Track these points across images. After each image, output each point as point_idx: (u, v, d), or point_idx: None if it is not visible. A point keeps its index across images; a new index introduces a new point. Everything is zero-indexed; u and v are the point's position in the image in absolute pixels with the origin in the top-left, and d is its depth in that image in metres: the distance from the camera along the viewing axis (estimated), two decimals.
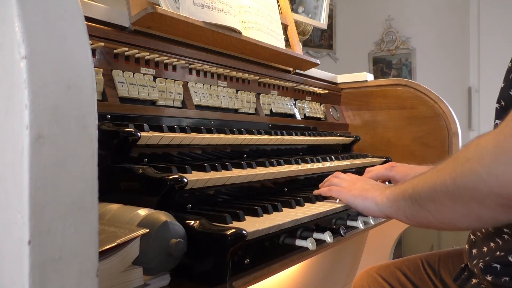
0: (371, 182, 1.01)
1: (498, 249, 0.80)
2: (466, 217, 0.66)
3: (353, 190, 0.97)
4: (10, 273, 0.41)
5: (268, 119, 1.50)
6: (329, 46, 5.54)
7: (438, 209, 0.69)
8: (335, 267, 1.93)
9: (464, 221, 0.68)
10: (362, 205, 0.93)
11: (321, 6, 2.31)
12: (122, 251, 0.57)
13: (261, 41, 1.36)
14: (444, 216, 0.69)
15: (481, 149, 0.60)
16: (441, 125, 1.77)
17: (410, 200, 0.76)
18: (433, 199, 0.70)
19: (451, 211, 0.67)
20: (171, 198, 0.77)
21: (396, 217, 0.85)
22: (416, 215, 0.76)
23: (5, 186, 0.42)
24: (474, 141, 0.64)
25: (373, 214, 0.92)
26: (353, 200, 0.96)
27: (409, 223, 0.81)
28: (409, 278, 1.14)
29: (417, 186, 0.74)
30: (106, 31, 1.02)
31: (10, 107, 0.41)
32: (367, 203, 0.91)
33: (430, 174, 0.71)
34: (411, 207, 0.76)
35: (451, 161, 0.67)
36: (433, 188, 0.69)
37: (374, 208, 0.89)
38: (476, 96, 4.43)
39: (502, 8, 4.26)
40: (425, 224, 0.77)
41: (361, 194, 0.94)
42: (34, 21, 0.42)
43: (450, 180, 0.65)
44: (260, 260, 0.78)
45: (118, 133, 0.85)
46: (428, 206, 0.71)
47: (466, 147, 0.65)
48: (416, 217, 0.76)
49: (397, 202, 0.81)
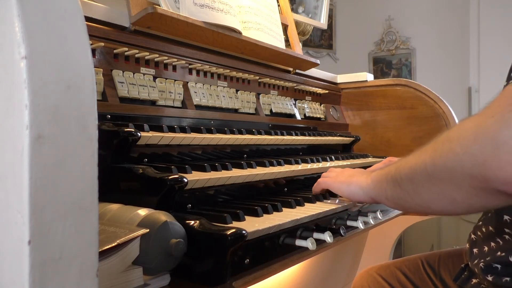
0: (359, 170, 1.01)
1: (499, 249, 0.80)
2: (441, 199, 0.65)
3: (338, 178, 0.97)
4: (10, 273, 0.41)
5: (268, 119, 1.50)
6: (329, 46, 5.54)
7: (416, 190, 0.69)
8: (335, 267, 1.93)
9: (438, 204, 0.67)
10: (347, 191, 0.93)
11: (321, 6, 2.31)
12: (122, 251, 0.57)
13: (261, 41, 1.36)
14: (420, 198, 0.69)
15: (463, 130, 0.60)
16: (441, 125, 1.77)
17: (392, 181, 0.75)
18: (412, 179, 0.69)
19: (428, 192, 0.67)
20: (171, 198, 0.77)
21: (379, 199, 0.84)
22: (395, 196, 0.75)
23: (5, 186, 0.42)
24: (458, 124, 0.64)
25: (359, 198, 0.91)
26: (338, 186, 0.96)
27: (389, 205, 0.81)
28: (409, 278, 1.14)
29: (400, 167, 0.74)
30: (106, 31, 1.02)
31: (10, 107, 0.41)
32: (352, 188, 0.91)
33: (413, 155, 0.71)
34: (392, 189, 0.76)
35: (433, 142, 0.66)
36: (413, 168, 0.69)
37: (359, 192, 0.89)
38: (476, 96, 4.43)
39: (502, 8, 4.26)
40: (403, 206, 0.76)
41: (346, 180, 0.94)
42: (34, 21, 0.42)
43: (430, 160, 0.64)
44: (260, 260, 0.78)
45: (118, 133, 0.85)
46: (407, 187, 0.71)
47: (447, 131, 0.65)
48: (396, 199, 0.76)
49: (380, 183, 0.81)
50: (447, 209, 0.75)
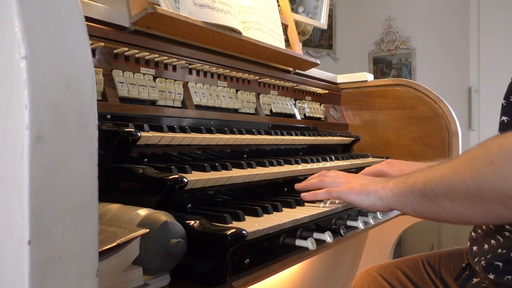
0: (366, 177, 0.99)
1: (499, 246, 0.80)
2: (485, 216, 0.66)
3: (353, 188, 0.93)
4: (10, 273, 0.41)
5: (268, 119, 1.50)
6: (329, 46, 5.54)
7: (455, 207, 0.69)
8: (335, 267, 1.93)
9: (481, 219, 0.68)
10: (367, 202, 0.89)
11: (321, 6, 2.31)
12: (122, 251, 0.57)
13: (261, 41, 1.36)
14: (460, 214, 0.69)
15: (506, 151, 0.60)
16: (441, 125, 1.77)
17: (421, 195, 0.75)
18: (450, 197, 0.69)
19: (470, 209, 0.67)
20: (171, 198, 0.77)
21: (402, 211, 0.83)
22: (426, 210, 0.75)
23: (5, 186, 0.42)
24: (496, 142, 0.63)
25: (379, 209, 0.89)
26: (357, 198, 0.92)
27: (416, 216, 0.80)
28: (410, 277, 1.14)
29: (430, 182, 0.73)
30: (106, 31, 1.02)
31: (10, 107, 0.41)
32: (371, 199, 0.88)
33: (444, 171, 0.70)
34: (421, 202, 0.75)
35: (469, 161, 0.66)
36: (451, 186, 0.68)
37: (379, 202, 0.87)
38: (476, 96, 4.43)
39: (502, 8, 4.26)
40: (436, 218, 0.76)
41: (363, 190, 0.91)
42: (34, 21, 0.42)
43: (472, 181, 0.64)
44: (260, 260, 0.78)
45: (118, 133, 0.85)
46: (442, 202, 0.71)
47: (485, 148, 0.64)
48: (427, 212, 0.75)
49: (405, 196, 0.79)
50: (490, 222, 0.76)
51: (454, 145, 1.74)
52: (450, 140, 1.75)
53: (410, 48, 5.12)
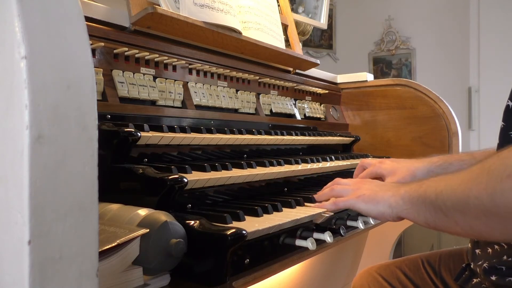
0: (376, 182, 0.94)
1: (504, 253, 0.79)
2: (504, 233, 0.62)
3: (361, 196, 0.88)
4: (10, 273, 0.41)
5: (268, 119, 1.50)
6: (329, 46, 5.54)
7: (469, 222, 0.65)
8: (335, 267, 1.93)
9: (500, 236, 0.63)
10: (375, 211, 0.84)
11: (321, 6, 2.31)
12: (122, 251, 0.57)
13: (261, 41, 1.36)
14: (475, 230, 0.65)
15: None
16: (441, 125, 1.77)
17: (433, 207, 0.70)
18: (463, 211, 0.65)
19: (485, 226, 0.62)
20: (171, 198, 0.77)
21: (414, 221, 0.78)
22: (439, 223, 0.71)
23: (5, 186, 0.42)
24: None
25: (388, 218, 0.83)
26: (364, 207, 0.86)
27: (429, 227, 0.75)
28: (410, 277, 1.14)
29: (442, 194, 0.69)
30: (106, 31, 1.02)
31: (10, 107, 0.41)
32: (380, 208, 0.83)
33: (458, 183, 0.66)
34: (433, 214, 0.71)
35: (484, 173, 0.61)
36: (464, 201, 0.64)
37: (389, 211, 0.81)
38: (476, 96, 4.43)
39: (502, 8, 4.26)
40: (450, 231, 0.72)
41: (371, 198, 0.85)
42: (34, 21, 0.42)
43: (487, 196, 0.59)
44: (260, 260, 0.78)
45: (118, 133, 0.85)
46: (455, 216, 0.66)
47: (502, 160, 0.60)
48: (439, 225, 0.71)
49: (416, 206, 0.75)
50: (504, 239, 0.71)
51: (454, 145, 1.74)
52: (450, 140, 1.75)
53: (410, 48, 5.12)
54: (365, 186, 0.90)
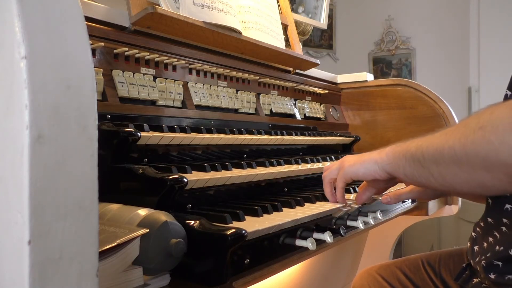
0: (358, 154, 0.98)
1: (496, 243, 0.80)
2: (468, 182, 0.66)
3: (346, 163, 0.93)
4: (10, 273, 0.41)
5: (268, 119, 1.50)
6: (329, 46, 5.54)
7: (441, 172, 0.69)
8: (335, 267, 1.93)
9: (465, 186, 0.68)
10: (362, 169, 0.89)
11: (321, 6, 2.31)
12: (122, 251, 0.57)
13: (261, 41, 1.36)
14: (445, 179, 0.70)
15: (496, 118, 0.60)
16: (441, 125, 1.77)
17: (412, 159, 0.76)
18: (437, 161, 0.70)
19: (455, 175, 0.67)
20: (171, 198, 0.77)
21: (394, 174, 0.84)
22: (416, 174, 0.76)
23: (5, 186, 0.42)
24: (488, 109, 0.63)
25: (375, 174, 0.87)
26: (350, 169, 0.91)
27: (407, 181, 0.81)
28: (410, 277, 1.14)
29: (422, 147, 0.73)
30: (106, 31, 1.02)
31: (10, 107, 0.41)
32: (366, 164, 0.88)
33: (437, 137, 0.71)
34: (412, 166, 0.76)
35: (461, 126, 0.66)
36: (439, 151, 0.69)
37: (374, 167, 0.86)
38: (476, 96, 4.43)
39: (502, 8, 4.26)
40: (424, 183, 0.76)
41: (358, 160, 0.91)
42: (34, 21, 0.42)
43: (460, 145, 0.64)
44: (260, 260, 0.78)
45: (118, 133, 0.85)
46: (430, 167, 0.71)
47: (478, 115, 0.64)
48: (416, 176, 0.76)
49: (397, 159, 0.80)
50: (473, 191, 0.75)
51: None
52: None
53: (410, 48, 5.12)
54: (348, 158, 0.95)
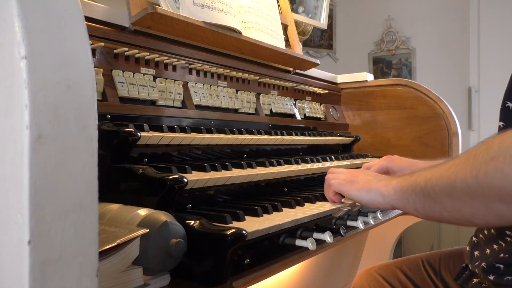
0: (371, 173, 0.97)
1: (501, 251, 0.79)
2: (486, 215, 0.64)
3: (355, 184, 0.92)
4: (10, 273, 0.41)
5: (268, 119, 1.50)
6: (329, 46, 5.54)
7: (455, 206, 0.67)
8: (335, 267, 1.93)
9: (482, 219, 0.66)
10: (367, 198, 0.87)
11: (321, 6, 2.31)
12: (122, 251, 0.57)
13: (261, 41, 1.36)
14: (461, 213, 0.67)
15: (507, 148, 0.59)
16: (441, 125, 1.77)
17: (422, 194, 0.73)
18: (450, 195, 0.67)
19: (470, 208, 0.65)
20: (171, 198, 0.77)
21: (404, 210, 0.81)
22: (428, 209, 0.73)
23: (5, 186, 0.42)
24: (496, 139, 0.62)
25: (379, 206, 0.86)
26: (356, 193, 0.90)
27: (418, 216, 0.78)
28: (410, 277, 1.14)
29: (431, 181, 0.71)
30: (106, 31, 1.02)
31: (10, 107, 0.41)
32: (372, 195, 0.86)
33: (445, 169, 0.69)
34: (422, 201, 0.73)
35: (470, 158, 0.64)
36: (451, 184, 0.67)
37: (379, 199, 0.85)
38: (476, 96, 4.43)
39: (502, 8, 4.26)
40: (438, 218, 0.74)
41: (364, 186, 0.89)
42: (34, 21, 0.42)
43: (472, 178, 0.63)
44: (260, 260, 0.78)
45: (118, 133, 0.85)
46: (443, 202, 0.69)
47: (487, 145, 0.63)
48: (428, 211, 0.74)
49: (406, 194, 0.78)
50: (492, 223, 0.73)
51: (454, 145, 1.74)
52: (450, 140, 1.75)
53: (410, 48, 5.12)
54: (360, 175, 0.94)
